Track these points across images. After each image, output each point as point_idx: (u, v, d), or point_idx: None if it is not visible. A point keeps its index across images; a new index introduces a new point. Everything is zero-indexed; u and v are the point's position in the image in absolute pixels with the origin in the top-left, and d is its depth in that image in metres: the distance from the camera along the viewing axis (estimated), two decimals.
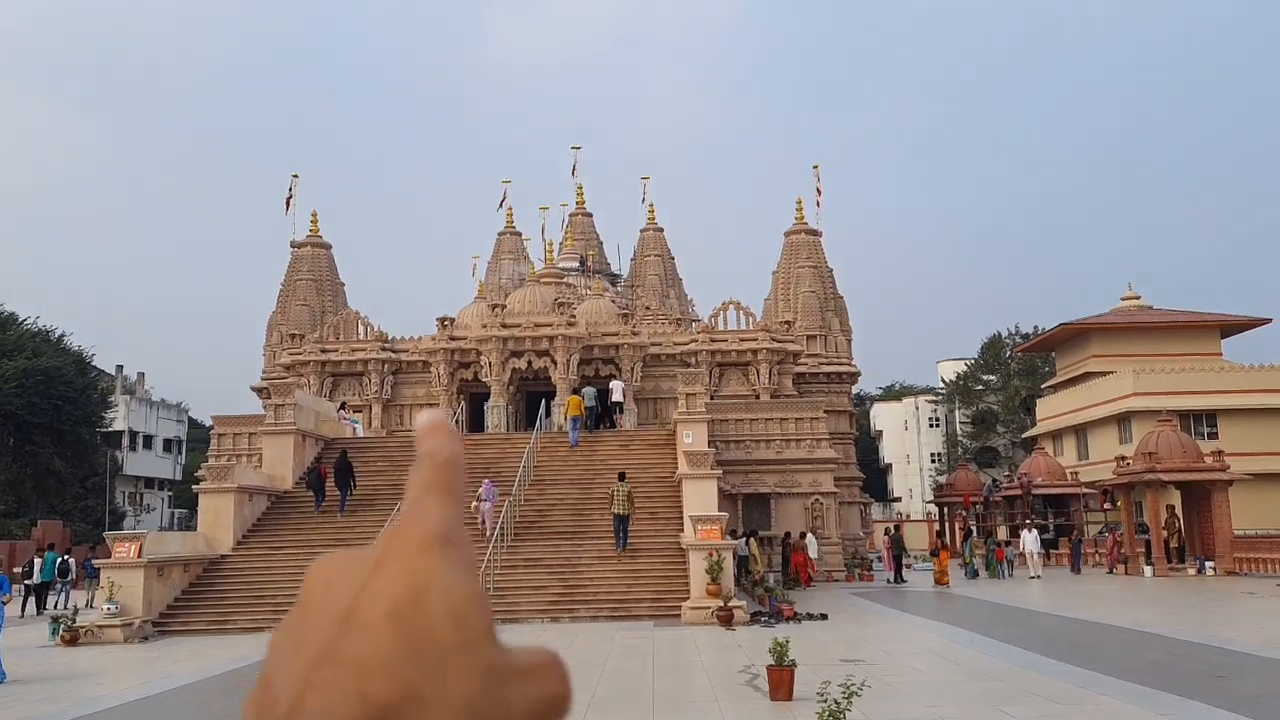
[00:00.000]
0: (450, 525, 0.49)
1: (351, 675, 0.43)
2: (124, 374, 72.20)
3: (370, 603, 0.45)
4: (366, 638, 0.44)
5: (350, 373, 37.29)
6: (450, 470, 0.52)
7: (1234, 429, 45.88)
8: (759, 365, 36.03)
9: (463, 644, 0.45)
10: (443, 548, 0.48)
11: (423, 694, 0.43)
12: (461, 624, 0.45)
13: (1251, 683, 12.25)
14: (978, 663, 14.37)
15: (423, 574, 0.46)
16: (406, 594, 0.45)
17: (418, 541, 0.47)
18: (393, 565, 0.47)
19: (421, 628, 0.44)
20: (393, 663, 0.43)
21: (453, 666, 0.44)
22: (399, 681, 0.43)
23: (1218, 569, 32.12)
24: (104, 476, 56.96)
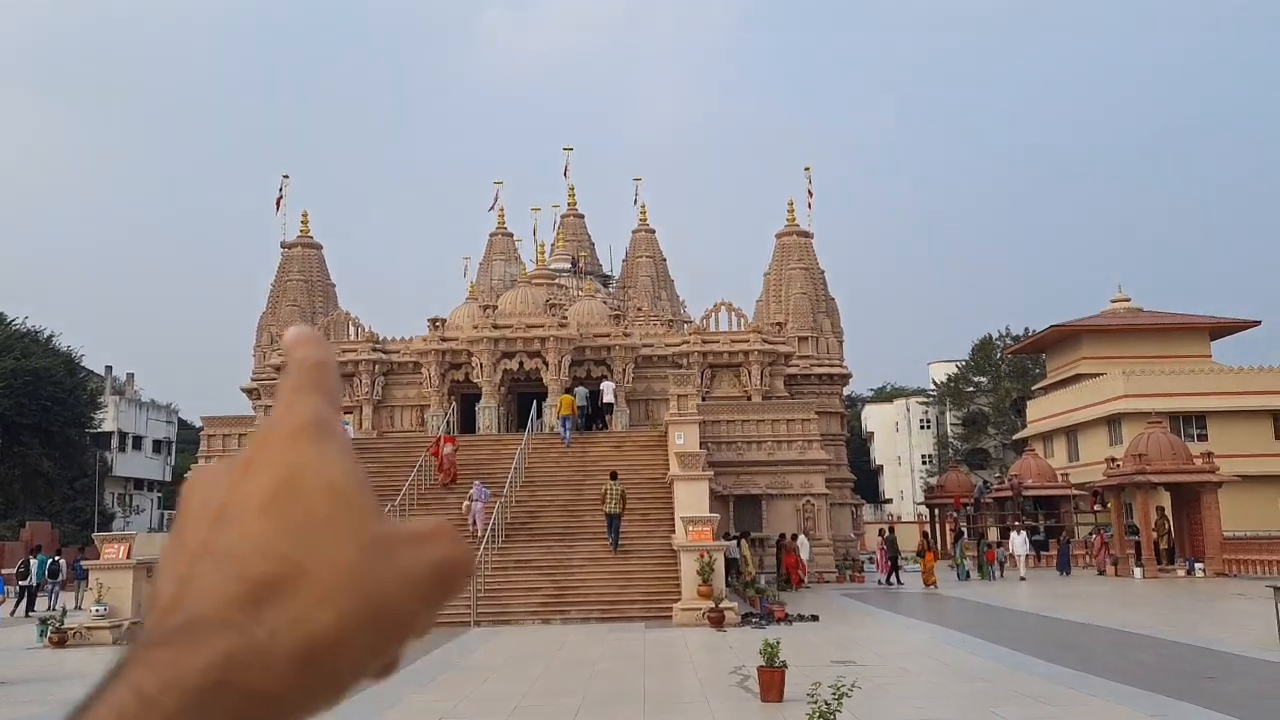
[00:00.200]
0: (321, 416, 0.49)
1: (227, 562, 0.43)
2: (113, 374, 71.95)
3: (243, 497, 0.45)
4: (240, 528, 0.44)
5: (340, 373, 36.63)
6: (320, 371, 0.52)
7: (1223, 431, 46.05)
8: (750, 367, 36.04)
9: (342, 517, 0.45)
10: (314, 435, 0.47)
11: (303, 566, 0.43)
12: (339, 498, 0.45)
13: (1240, 684, 12.29)
14: (968, 664, 14.40)
15: (295, 460, 0.46)
16: (280, 481, 0.45)
17: (287, 433, 0.47)
18: (264, 459, 0.46)
19: (297, 508, 0.44)
20: (268, 544, 0.43)
21: (332, 538, 0.44)
22: (276, 558, 0.43)
23: (1207, 570, 32.23)
24: (93, 477, 56.73)
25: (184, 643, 0.41)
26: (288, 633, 0.42)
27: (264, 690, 0.41)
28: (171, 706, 0.39)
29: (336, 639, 0.43)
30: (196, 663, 0.40)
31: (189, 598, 0.43)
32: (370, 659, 0.45)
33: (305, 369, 0.52)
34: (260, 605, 0.42)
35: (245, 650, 0.41)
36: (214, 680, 0.40)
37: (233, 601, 0.42)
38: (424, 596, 0.46)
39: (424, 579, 0.46)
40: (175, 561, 0.45)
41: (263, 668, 0.41)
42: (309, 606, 0.42)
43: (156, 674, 0.40)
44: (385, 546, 0.45)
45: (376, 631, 0.44)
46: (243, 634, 0.41)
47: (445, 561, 0.47)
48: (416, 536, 0.47)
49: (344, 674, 0.43)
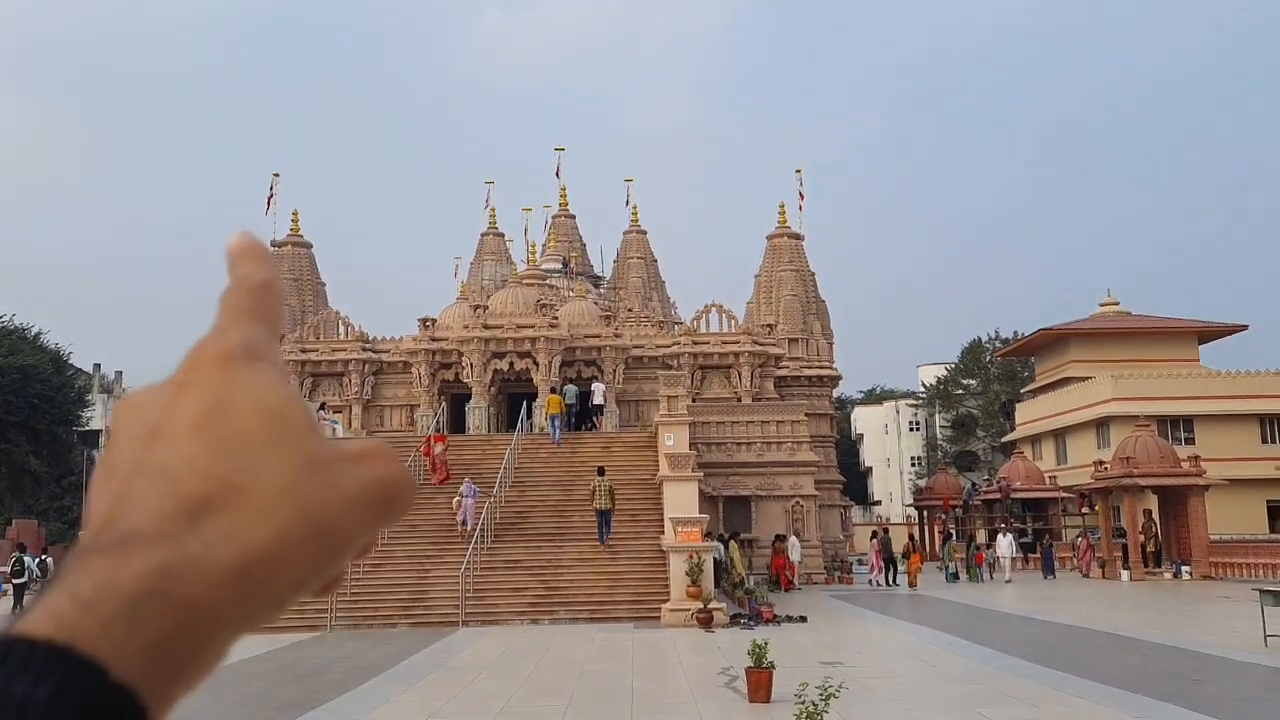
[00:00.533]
0: (253, 342, 0.48)
1: (160, 478, 0.43)
2: (101, 372, 71.66)
3: (175, 418, 0.45)
4: (173, 447, 0.44)
5: (330, 373, 37.09)
6: (261, 295, 0.51)
7: (1210, 434, 46.25)
8: (741, 368, 36.06)
9: (276, 437, 0.45)
10: (247, 361, 0.47)
11: (238, 484, 0.43)
12: (273, 419, 0.45)
13: (1225, 686, 12.35)
14: (955, 665, 14.43)
15: (227, 382, 0.46)
16: (211, 403, 0.45)
17: (218, 357, 0.47)
18: (195, 382, 0.46)
19: (230, 429, 0.44)
20: (202, 462, 0.43)
21: (266, 457, 0.44)
22: (210, 476, 0.43)
23: (1194, 573, 32.37)
24: (80, 476, 56.47)
25: (119, 552, 0.41)
26: (223, 546, 0.42)
27: (199, 600, 0.41)
28: (107, 611, 0.39)
29: (273, 553, 0.43)
30: (131, 571, 0.40)
31: (124, 513, 0.43)
32: (310, 574, 0.45)
33: (246, 289, 0.51)
34: (195, 520, 0.42)
35: (179, 561, 0.41)
36: (149, 589, 0.40)
37: (168, 516, 0.42)
38: (363, 515, 0.46)
39: (362, 497, 0.46)
40: (109, 481, 0.45)
41: (198, 579, 0.41)
42: (244, 522, 0.42)
43: (92, 579, 0.40)
44: (322, 465, 0.45)
45: (315, 547, 0.44)
46: (177, 546, 0.41)
47: (383, 479, 0.47)
48: (354, 456, 0.47)
49: (282, 587, 0.43)
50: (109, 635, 0.39)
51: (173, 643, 0.40)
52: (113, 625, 0.39)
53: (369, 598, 22.39)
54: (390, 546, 24.46)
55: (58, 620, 0.39)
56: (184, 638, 0.41)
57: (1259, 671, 13.47)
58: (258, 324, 0.50)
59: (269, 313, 0.51)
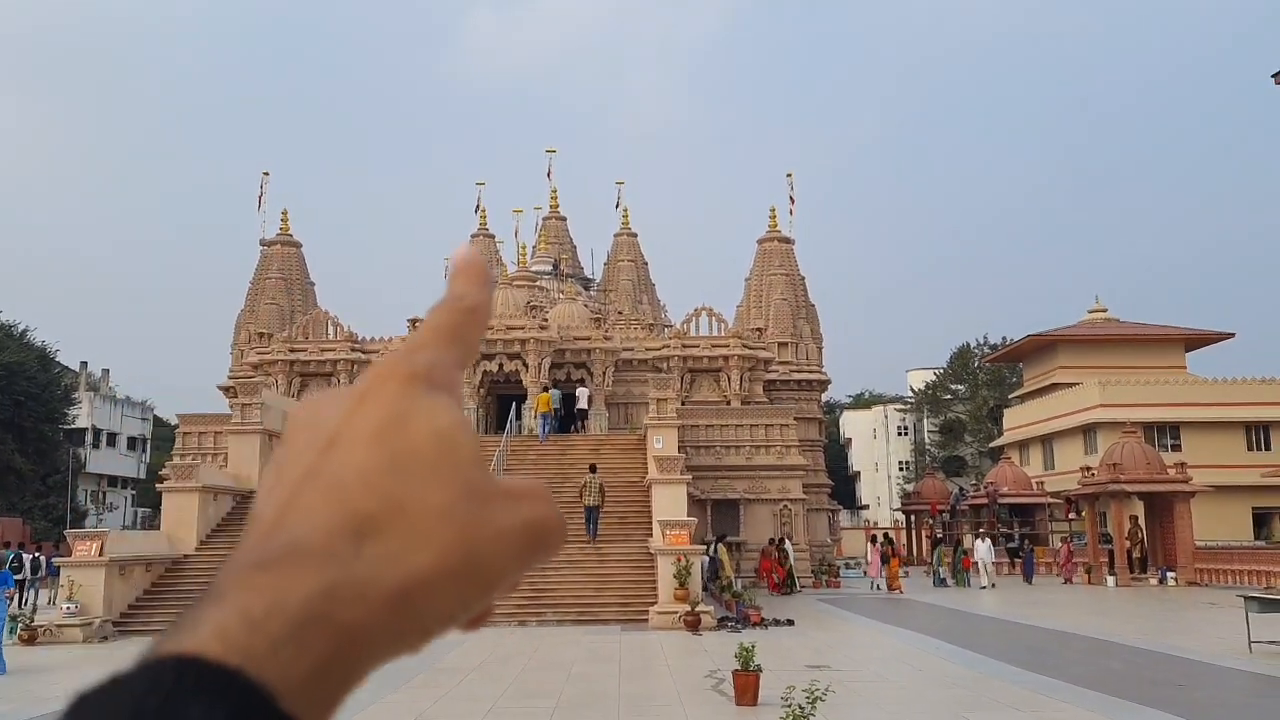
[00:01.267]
0: (438, 369, 0.48)
1: (333, 490, 0.43)
2: (88, 370, 71.20)
3: (353, 428, 0.45)
4: (348, 457, 0.44)
5: (319, 373, 36.99)
6: (465, 319, 0.51)
7: (1196, 441, 46.48)
8: (730, 371, 36.09)
9: (444, 463, 0.44)
10: (428, 387, 0.47)
11: (404, 505, 0.43)
12: (444, 444, 0.45)
13: (1209, 692, 12.42)
14: (942, 669, 14.47)
15: (407, 404, 0.46)
16: (390, 419, 0.45)
17: (403, 378, 0.47)
18: (376, 397, 0.46)
19: (404, 447, 0.44)
20: (373, 477, 0.43)
21: (433, 482, 0.44)
22: (379, 494, 0.43)
23: (1179, 579, 32.51)
24: (66, 474, 56.16)
25: (287, 568, 0.41)
26: (386, 570, 0.42)
27: (359, 626, 0.41)
28: (275, 632, 0.39)
29: (430, 582, 0.42)
30: (299, 591, 0.40)
31: (292, 520, 0.43)
32: (459, 607, 0.44)
33: (454, 311, 0.51)
34: (361, 538, 0.42)
35: (345, 584, 0.41)
36: (315, 612, 0.40)
37: (335, 531, 0.42)
38: (515, 553, 0.46)
39: (517, 536, 0.46)
40: (280, 482, 0.45)
41: (360, 604, 0.41)
42: (407, 546, 0.42)
43: (261, 598, 0.40)
44: (484, 498, 0.45)
45: (468, 581, 0.44)
46: (344, 568, 0.41)
47: (539, 520, 0.47)
48: (514, 493, 0.47)
49: (432, 619, 0.43)
50: (276, 659, 0.39)
51: (330, 668, 0.40)
52: (280, 649, 0.39)
53: None
54: None
55: (227, 640, 0.38)
56: (340, 664, 0.40)
57: (1243, 678, 13.55)
58: (452, 349, 0.50)
59: (468, 339, 0.51)
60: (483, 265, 0.53)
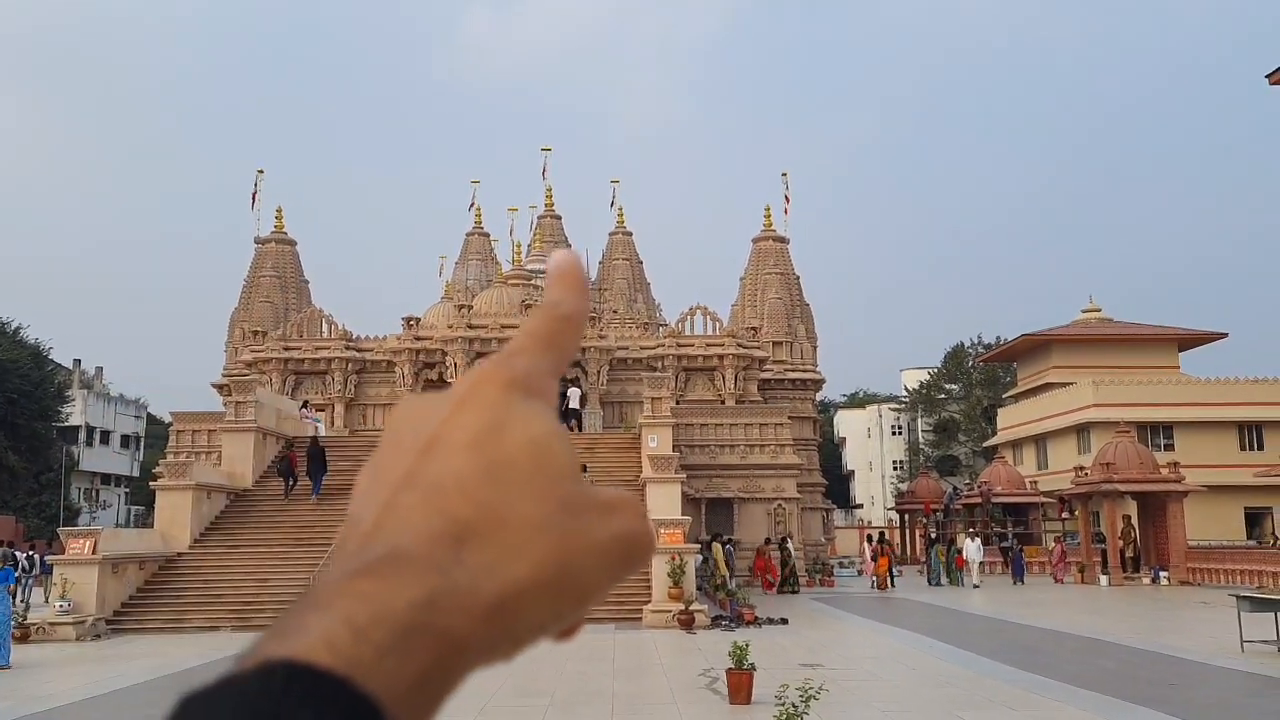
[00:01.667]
0: (534, 376, 0.48)
1: (432, 495, 0.44)
2: (82, 368, 71.07)
3: (450, 433, 0.45)
4: (446, 463, 0.44)
5: (313, 371, 36.93)
6: (562, 326, 0.51)
7: (1189, 441, 46.59)
8: (725, 371, 36.10)
9: (540, 472, 0.45)
10: (524, 393, 0.47)
11: (501, 513, 0.43)
12: (542, 455, 0.45)
13: (1202, 691, 12.44)
14: (935, 668, 14.49)
15: (504, 411, 0.46)
16: (487, 426, 0.45)
17: (501, 384, 0.47)
18: (474, 403, 0.46)
19: (500, 455, 0.44)
20: (471, 484, 0.44)
21: (530, 491, 0.44)
22: (477, 501, 0.43)
23: (1172, 579, 32.58)
24: (59, 472, 56.01)
25: (390, 575, 0.41)
26: (485, 580, 0.42)
27: (459, 635, 0.41)
28: (380, 641, 0.39)
29: (526, 594, 0.42)
30: (402, 599, 0.40)
31: (392, 525, 0.43)
32: (552, 620, 0.44)
33: (551, 318, 0.51)
34: (460, 546, 0.42)
35: (447, 594, 0.41)
36: (418, 621, 0.40)
37: (435, 538, 0.42)
38: (607, 565, 0.46)
39: (609, 548, 0.46)
40: (379, 485, 0.45)
41: (461, 613, 0.41)
42: (504, 556, 0.42)
43: (366, 606, 0.40)
44: (578, 509, 0.45)
45: (562, 593, 0.44)
46: (445, 577, 0.41)
47: (630, 534, 0.47)
48: (607, 505, 0.47)
49: (525, 630, 0.43)
50: (382, 668, 0.39)
51: (430, 678, 0.40)
52: (385, 657, 0.39)
53: None
54: None
55: (335, 648, 0.38)
56: (439, 673, 0.41)
57: (1235, 677, 13.59)
58: (548, 356, 0.50)
59: (563, 346, 0.51)
60: (580, 271, 0.53)
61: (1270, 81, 29.17)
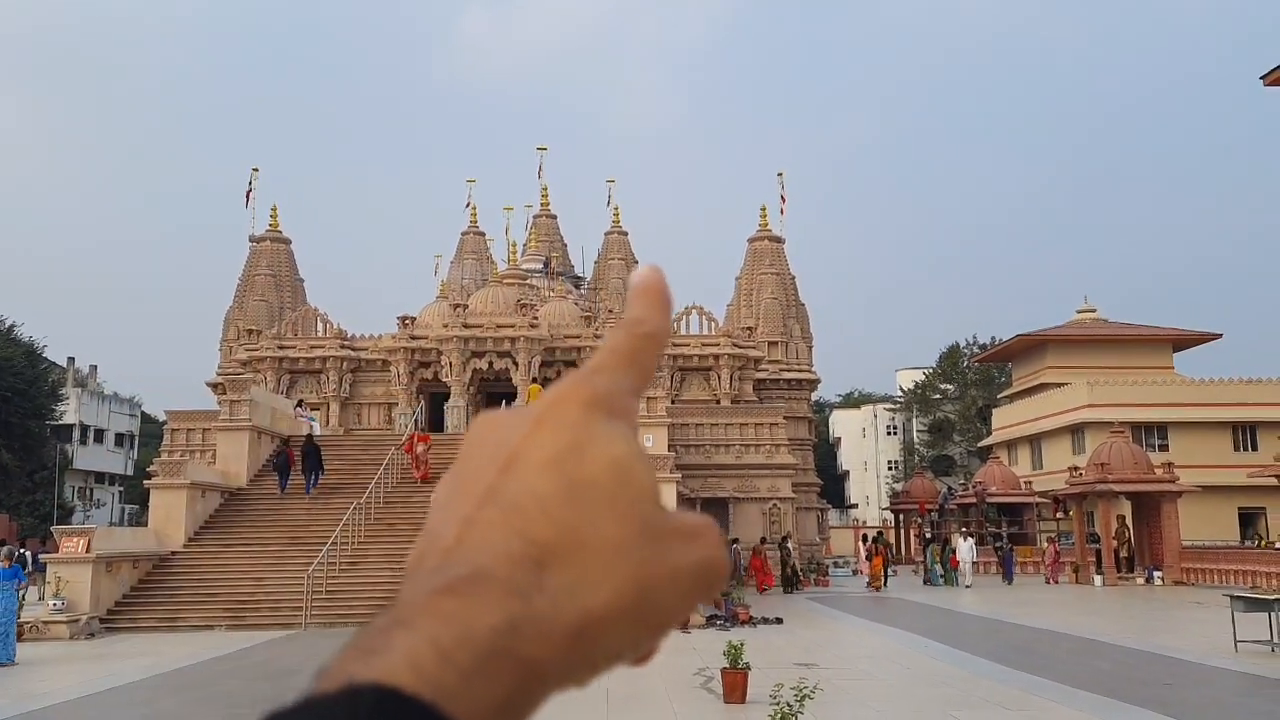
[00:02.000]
0: (616, 395, 0.48)
1: (512, 515, 0.43)
2: (76, 366, 70.87)
3: (531, 451, 0.45)
4: (527, 481, 0.44)
5: (308, 370, 36.87)
6: (644, 344, 0.50)
7: (1184, 441, 46.70)
8: (720, 370, 36.11)
9: (621, 495, 0.44)
10: (606, 413, 0.47)
11: (583, 537, 0.43)
12: (623, 477, 0.44)
13: (1196, 691, 12.46)
14: (929, 668, 14.50)
15: (585, 430, 0.45)
16: (568, 445, 0.45)
17: (582, 402, 0.47)
18: (555, 421, 0.46)
19: (581, 476, 0.44)
20: (552, 505, 0.43)
21: (611, 514, 0.43)
22: (558, 523, 0.43)
23: (1166, 579, 32.64)
24: (53, 470, 55.87)
25: (473, 596, 0.40)
26: (566, 605, 0.41)
27: (539, 662, 0.40)
28: (465, 665, 0.39)
29: (605, 620, 0.42)
30: (486, 623, 0.40)
31: (474, 542, 0.43)
32: (629, 647, 0.44)
33: (633, 336, 0.50)
34: (541, 569, 0.42)
35: (528, 619, 0.40)
36: (500, 646, 0.39)
37: (517, 560, 0.42)
38: (684, 593, 0.45)
39: (688, 576, 0.45)
40: (460, 500, 0.45)
41: (542, 640, 0.40)
42: (585, 581, 0.42)
43: (450, 628, 0.39)
44: (659, 535, 0.44)
45: (640, 620, 0.43)
46: (526, 601, 0.41)
47: (710, 563, 0.46)
48: (687, 531, 0.46)
49: (601, 656, 0.43)
50: (466, 693, 0.38)
51: (510, 704, 0.40)
52: (469, 683, 0.39)
53: (345, 596, 22.28)
54: (366, 546, 24.35)
55: (420, 672, 0.38)
56: (519, 698, 0.40)
57: (1229, 677, 13.61)
58: (630, 374, 0.49)
59: (645, 365, 0.50)
60: (664, 288, 0.52)
61: (1266, 83, 29.23)
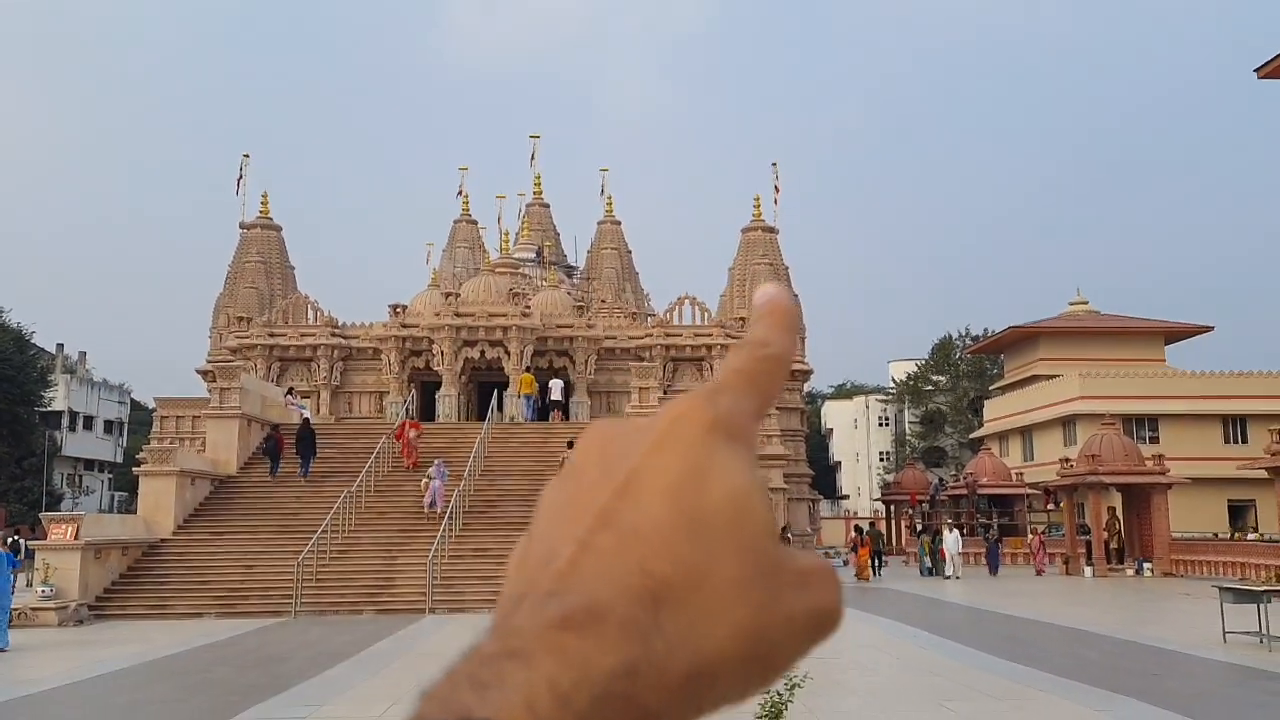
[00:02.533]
0: (739, 417, 0.46)
1: (630, 543, 0.41)
2: (64, 353, 70.62)
3: (650, 475, 0.43)
4: (645, 508, 0.42)
5: (299, 358, 36.75)
6: (769, 367, 0.48)
7: (1174, 433, 46.84)
8: (713, 361, 36.08)
9: (741, 531, 0.42)
10: (727, 437, 0.44)
11: (700, 572, 0.41)
12: (743, 513, 0.42)
13: (1183, 681, 12.50)
14: (920, 658, 14.51)
15: (706, 458, 0.43)
16: (688, 472, 0.42)
17: (704, 425, 0.44)
18: (675, 443, 0.44)
19: (700, 507, 0.42)
20: (670, 537, 0.41)
21: (729, 551, 0.41)
22: (676, 557, 0.41)
23: (1155, 570, 32.76)
24: (42, 457, 55.67)
25: (591, 635, 0.39)
26: (682, 648, 0.40)
27: (653, 709, 0.39)
28: (582, 709, 0.37)
29: (719, 662, 0.40)
30: (604, 665, 0.38)
31: (589, 570, 0.41)
32: (739, 694, 0.42)
33: (757, 358, 0.48)
34: (659, 607, 0.40)
35: (646, 663, 0.39)
36: (618, 690, 0.38)
37: (635, 596, 0.40)
38: (798, 639, 0.43)
39: (802, 622, 0.43)
40: (573, 516, 0.43)
41: (658, 686, 0.39)
42: (702, 621, 0.40)
43: (569, 669, 0.38)
44: (774, 576, 0.42)
45: (752, 664, 0.41)
46: (646, 645, 0.39)
47: (825, 610, 0.44)
48: (803, 574, 0.44)
49: (710, 702, 0.41)
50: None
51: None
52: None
53: (335, 584, 22.24)
54: (357, 533, 24.31)
55: (536, 713, 0.37)
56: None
57: (1217, 667, 13.65)
58: (752, 396, 0.47)
59: (767, 388, 0.48)
60: (791, 310, 0.50)
61: (1260, 75, 29.23)
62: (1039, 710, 10.64)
